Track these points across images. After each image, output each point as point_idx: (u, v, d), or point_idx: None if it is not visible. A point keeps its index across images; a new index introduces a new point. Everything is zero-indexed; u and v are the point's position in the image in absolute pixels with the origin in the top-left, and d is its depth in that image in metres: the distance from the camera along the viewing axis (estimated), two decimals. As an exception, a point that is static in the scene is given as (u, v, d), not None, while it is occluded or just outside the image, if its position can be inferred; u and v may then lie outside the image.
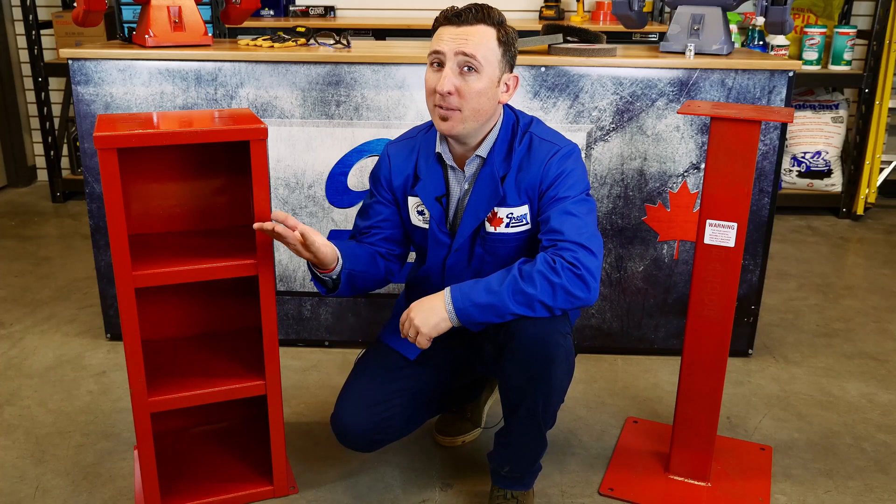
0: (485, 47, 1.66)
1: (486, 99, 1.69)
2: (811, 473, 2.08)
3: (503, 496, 1.86)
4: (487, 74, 1.67)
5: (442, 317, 1.65)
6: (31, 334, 2.84)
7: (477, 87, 1.66)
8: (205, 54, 2.46)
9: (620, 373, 2.59)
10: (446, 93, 1.65)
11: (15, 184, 4.75)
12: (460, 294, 1.65)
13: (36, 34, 4.21)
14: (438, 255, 1.85)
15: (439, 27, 1.69)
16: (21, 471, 2.06)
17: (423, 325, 1.65)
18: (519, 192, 1.75)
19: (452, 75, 1.66)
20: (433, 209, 1.81)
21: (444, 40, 1.66)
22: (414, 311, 1.67)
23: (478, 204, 1.77)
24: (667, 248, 2.57)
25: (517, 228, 1.79)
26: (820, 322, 3.00)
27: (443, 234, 1.83)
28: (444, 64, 1.66)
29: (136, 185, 1.91)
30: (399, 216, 1.90)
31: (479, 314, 1.64)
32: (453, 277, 1.84)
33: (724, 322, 1.88)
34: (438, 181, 1.81)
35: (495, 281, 1.64)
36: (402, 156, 1.87)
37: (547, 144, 1.76)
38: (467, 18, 1.65)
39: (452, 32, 1.66)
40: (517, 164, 1.76)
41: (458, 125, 1.70)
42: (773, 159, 2.48)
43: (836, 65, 4.16)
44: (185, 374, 1.88)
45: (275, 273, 1.91)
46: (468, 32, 1.65)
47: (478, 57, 1.65)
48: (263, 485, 1.96)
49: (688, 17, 2.51)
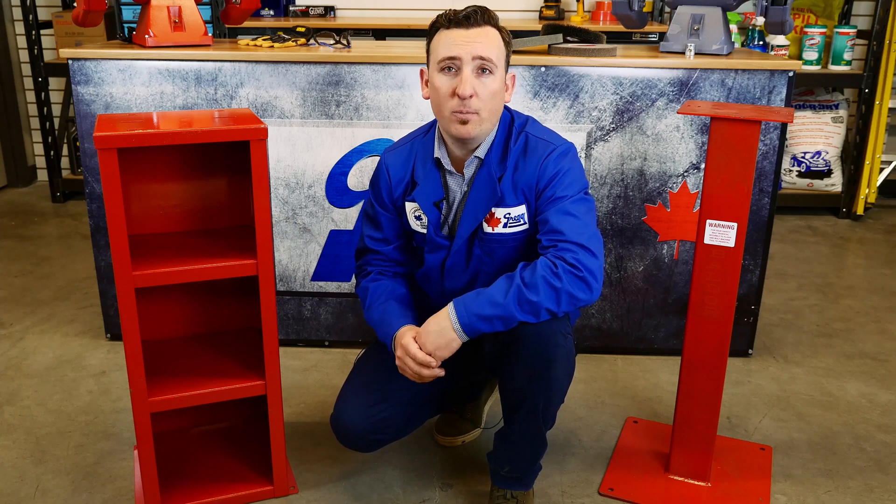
0: (496, 48, 1.67)
1: (499, 99, 1.71)
2: (811, 473, 2.08)
3: (503, 496, 1.86)
4: (500, 75, 1.69)
5: (452, 336, 1.65)
6: (31, 334, 2.84)
7: (493, 88, 1.68)
8: (205, 54, 2.46)
9: (620, 373, 2.59)
10: (469, 96, 1.65)
11: (15, 184, 4.75)
12: (465, 310, 1.64)
13: (36, 34, 4.21)
14: (437, 257, 1.85)
15: (443, 31, 1.68)
16: (21, 471, 2.06)
17: (438, 348, 1.65)
18: (516, 191, 1.75)
19: (472, 78, 1.66)
20: (430, 214, 1.81)
21: (459, 44, 1.65)
22: (423, 338, 1.67)
23: (476, 205, 1.77)
24: (667, 248, 2.57)
25: (515, 228, 1.78)
26: (820, 322, 3.00)
27: (440, 238, 1.82)
28: (461, 69, 1.66)
29: (136, 185, 1.91)
30: (401, 221, 1.90)
31: (485, 326, 1.64)
32: (452, 278, 1.84)
33: (724, 322, 1.88)
34: (437, 186, 1.81)
35: (498, 292, 1.63)
36: (399, 163, 1.86)
37: (543, 143, 1.76)
38: (476, 21, 1.66)
39: (464, 36, 1.65)
40: (513, 164, 1.75)
41: (477, 127, 1.70)
42: (773, 159, 2.48)
43: (836, 65, 4.16)
44: (185, 374, 1.88)
45: (275, 273, 1.91)
46: (480, 35, 1.66)
47: (493, 59, 1.66)
48: (263, 485, 1.96)
49: (688, 17, 2.51)
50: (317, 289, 2.66)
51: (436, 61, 1.69)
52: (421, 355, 1.67)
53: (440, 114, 1.72)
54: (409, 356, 1.69)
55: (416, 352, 1.68)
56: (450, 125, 1.70)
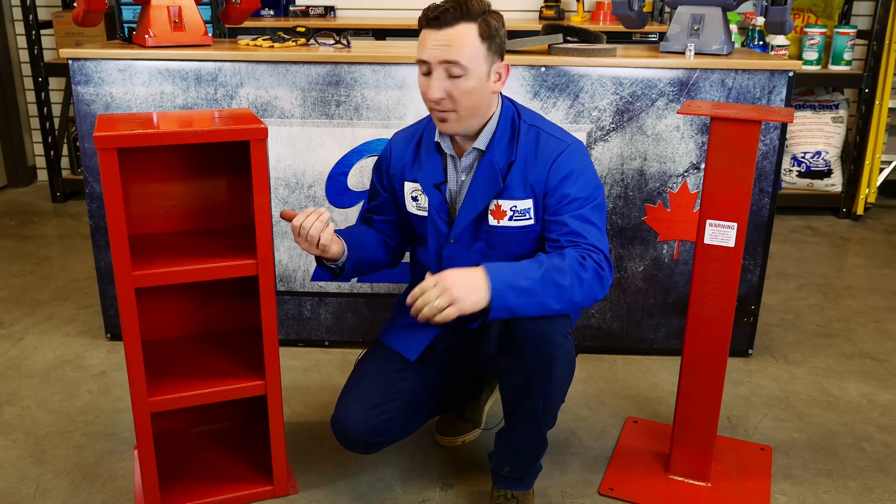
0: (469, 48, 1.63)
1: (478, 96, 1.69)
2: (811, 473, 2.08)
3: (504, 496, 1.86)
4: (475, 73, 1.66)
5: (482, 296, 1.54)
6: (31, 334, 2.84)
7: (466, 87, 1.66)
8: (205, 54, 2.46)
9: (620, 373, 2.59)
10: (438, 99, 1.66)
11: (15, 184, 4.75)
12: (498, 274, 1.56)
13: (36, 34, 4.21)
14: (437, 243, 1.85)
15: (422, 30, 1.68)
16: (21, 471, 2.06)
17: (464, 299, 1.53)
18: (525, 185, 1.75)
19: (439, 82, 1.65)
20: (433, 196, 1.82)
21: (428, 48, 1.65)
22: (450, 282, 1.54)
23: (475, 195, 1.78)
24: (667, 248, 2.57)
25: (520, 222, 1.78)
26: (820, 322, 3.00)
27: (442, 222, 1.82)
28: (431, 72, 1.66)
29: (136, 185, 1.91)
30: (397, 204, 1.92)
31: (513, 299, 1.56)
32: (451, 268, 1.83)
33: (724, 322, 1.88)
34: (437, 169, 1.82)
35: (529, 268, 1.59)
36: (403, 143, 1.90)
37: (554, 141, 1.76)
38: (446, 20, 1.62)
39: (433, 38, 1.64)
40: (523, 158, 1.76)
41: (457, 125, 1.71)
42: (773, 159, 2.48)
43: (836, 65, 4.16)
44: (185, 374, 1.88)
45: (275, 273, 1.91)
46: (449, 36, 1.63)
47: (461, 62, 1.63)
48: (263, 485, 1.96)
49: (688, 17, 2.51)
50: (317, 289, 2.66)
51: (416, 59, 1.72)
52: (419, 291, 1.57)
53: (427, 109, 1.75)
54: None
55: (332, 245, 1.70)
56: (434, 121, 1.75)
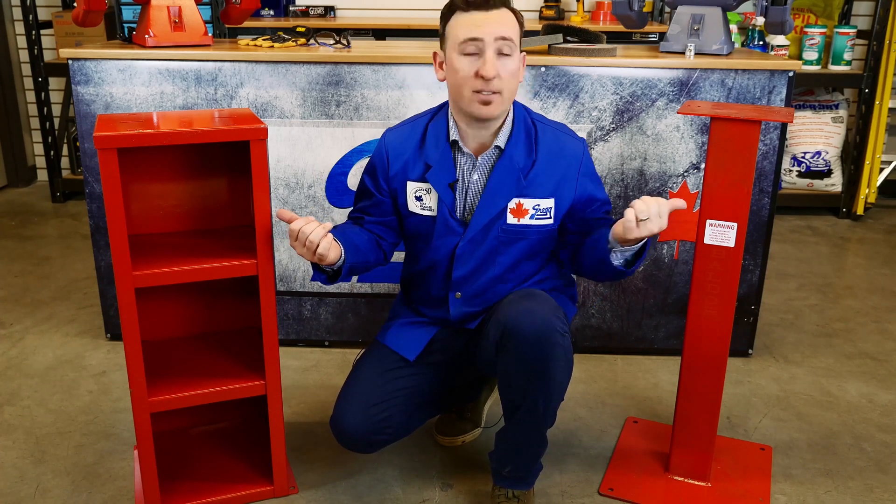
0: (514, 30, 1.71)
1: (517, 80, 1.75)
2: (811, 473, 2.08)
3: (505, 495, 1.87)
4: (517, 56, 1.73)
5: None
6: (31, 334, 2.84)
7: (512, 68, 1.71)
8: (205, 54, 2.46)
9: (620, 373, 2.59)
10: (492, 77, 1.67)
11: (15, 184, 4.75)
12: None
13: (36, 34, 4.21)
14: (447, 243, 1.83)
15: (461, 13, 1.70)
16: (21, 471, 2.06)
17: (661, 228, 1.60)
18: (549, 185, 1.78)
19: (495, 59, 1.68)
20: (446, 196, 1.81)
21: (480, 26, 1.67)
22: (666, 220, 1.60)
23: (495, 194, 1.78)
24: (667, 248, 2.57)
25: (541, 221, 1.80)
26: (820, 322, 3.00)
27: (455, 222, 1.82)
28: (484, 50, 1.68)
29: (136, 185, 1.91)
30: (394, 205, 1.89)
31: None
32: (462, 268, 1.83)
33: (724, 322, 1.88)
34: (450, 168, 1.81)
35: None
36: (401, 141, 1.86)
37: (572, 141, 1.83)
38: (495, 3, 1.69)
39: (485, 18, 1.68)
40: (545, 157, 1.79)
41: (499, 108, 1.73)
42: (773, 159, 2.48)
43: (836, 65, 4.16)
44: (185, 374, 1.88)
45: (275, 273, 1.91)
46: (500, 16, 1.69)
47: (514, 39, 1.70)
48: (263, 485, 1.96)
49: (688, 17, 2.51)
50: (317, 289, 2.66)
51: (456, 43, 1.70)
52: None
53: (460, 95, 1.73)
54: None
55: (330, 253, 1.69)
56: (471, 106, 1.72)
